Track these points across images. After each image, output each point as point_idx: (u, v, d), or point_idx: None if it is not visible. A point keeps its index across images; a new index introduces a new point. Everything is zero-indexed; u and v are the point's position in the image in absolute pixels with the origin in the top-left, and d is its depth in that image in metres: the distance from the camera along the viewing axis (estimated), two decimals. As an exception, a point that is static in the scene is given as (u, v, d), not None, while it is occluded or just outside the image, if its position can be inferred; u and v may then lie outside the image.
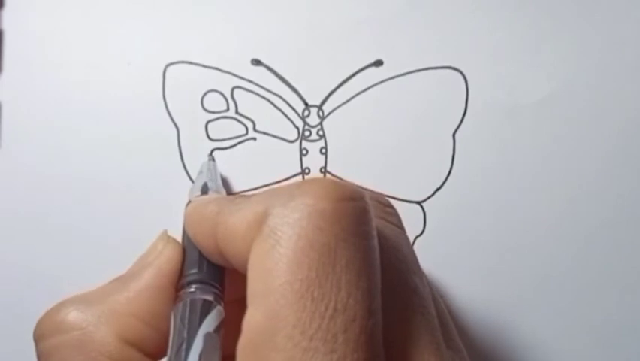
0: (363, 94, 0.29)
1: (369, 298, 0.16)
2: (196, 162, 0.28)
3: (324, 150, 0.29)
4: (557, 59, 0.29)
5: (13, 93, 0.29)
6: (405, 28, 0.29)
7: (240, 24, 0.29)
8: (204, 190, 0.25)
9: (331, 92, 0.29)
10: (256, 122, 0.29)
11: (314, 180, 0.17)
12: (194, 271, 0.21)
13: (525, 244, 0.29)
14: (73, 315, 0.20)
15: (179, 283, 0.21)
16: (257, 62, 0.29)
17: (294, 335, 0.15)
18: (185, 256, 0.21)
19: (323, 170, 0.29)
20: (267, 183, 0.29)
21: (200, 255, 0.21)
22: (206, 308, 0.19)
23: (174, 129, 0.28)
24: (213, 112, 0.29)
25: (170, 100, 0.29)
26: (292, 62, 0.29)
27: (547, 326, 0.29)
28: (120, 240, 0.28)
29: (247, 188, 0.29)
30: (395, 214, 0.22)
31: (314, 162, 0.29)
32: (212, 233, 0.19)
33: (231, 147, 0.29)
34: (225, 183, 0.28)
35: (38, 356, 0.20)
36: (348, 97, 0.29)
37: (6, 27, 0.29)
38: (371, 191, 0.19)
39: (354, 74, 0.29)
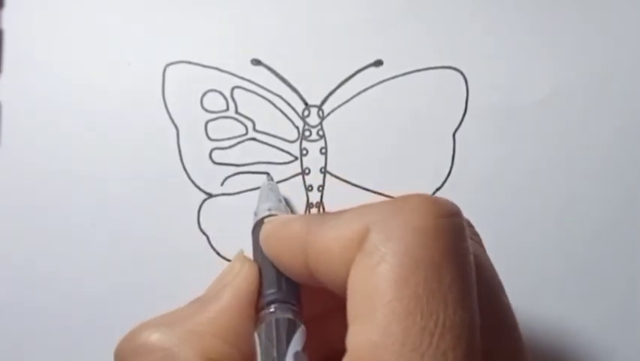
0: (363, 94, 0.29)
1: (473, 315, 0.16)
2: (195, 161, 0.28)
3: (324, 150, 0.29)
4: (557, 59, 0.29)
5: (13, 93, 0.28)
6: (405, 28, 0.29)
7: (240, 24, 0.29)
8: (270, 211, 0.25)
9: (331, 92, 0.29)
10: (256, 122, 0.29)
11: (412, 196, 0.17)
12: (273, 290, 0.21)
13: (525, 244, 0.29)
14: (155, 337, 0.20)
15: (258, 303, 0.21)
16: (257, 62, 0.29)
17: (404, 352, 0.15)
18: (262, 275, 0.22)
19: (323, 170, 0.29)
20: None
21: (278, 274, 0.21)
22: (292, 327, 0.20)
23: (174, 129, 0.28)
24: (213, 112, 0.29)
25: (169, 100, 0.29)
26: (292, 62, 0.29)
27: (546, 326, 0.29)
28: (120, 239, 0.28)
29: (246, 188, 0.29)
30: (477, 233, 0.22)
31: (314, 162, 0.29)
32: (301, 252, 0.19)
33: (231, 147, 0.29)
34: (287, 204, 0.28)
35: None
36: (348, 97, 0.29)
37: (6, 27, 0.29)
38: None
39: (354, 74, 0.29)
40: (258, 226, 0.23)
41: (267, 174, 0.28)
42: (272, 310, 0.20)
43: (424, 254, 0.16)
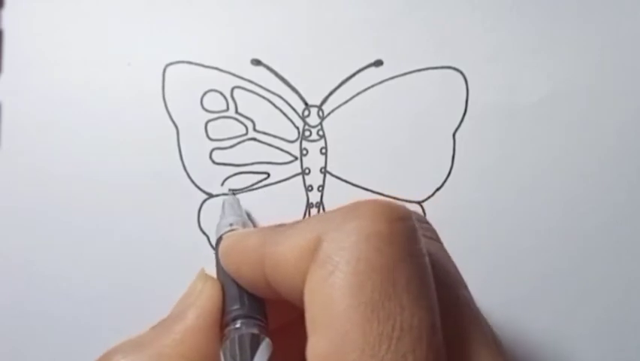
0: (363, 94, 0.29)
1: (431, 315, 0.16)
2: (196, 161, 0.28)
3: (324, 150, 0.29)
4: (557, 59, 0.29)
5: (13, 93, 0.29)
6: (405, 28, 0.29)
7: (240, 24, 0.29)
8: (232, 227, 0.25)
9: (331, 92, 0.29)
10: (256, 122, 0.29)
11: (364, 202, 0.17)
12: (237, 306, 0.21)
13: (525, 244, 0.29)
14: None
15: (223, 320, 0.21)
16: (257, 62, 0.29)
17: (363, 358, 0.15)
18: (225, 292, 0.22)
19: (323, 170, 0.29)
20: (266, 183, 0.29)
21: (240, 289, 0.21)
22: (255, 342, 0.20)
23: (174, 129, 0.29)
24: (213, 112, 0.29)
25: (169, 100, 0.29)
26: (292, 62, 0.29)
27: (546, 326, 0.29)
28: (120, 239, 0.28)
29: (246, 188, 0.29)
30: (432, 229, 0.22)
31: (314, 162, 0.29)
32: (259, 264, 0.19)
33: (231, 147, 0.29)
34: (250, 218, 0.28)
35: None
36: (348, 97, 0.29)
37: (6, 27, 0.29)
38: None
39: (354, 74, 0.29)
40: (218, 243, 0.23)
41: (230, 190, 0.28)
42: (237, 326, 0.20)
43: (379, 259, 0.16)
